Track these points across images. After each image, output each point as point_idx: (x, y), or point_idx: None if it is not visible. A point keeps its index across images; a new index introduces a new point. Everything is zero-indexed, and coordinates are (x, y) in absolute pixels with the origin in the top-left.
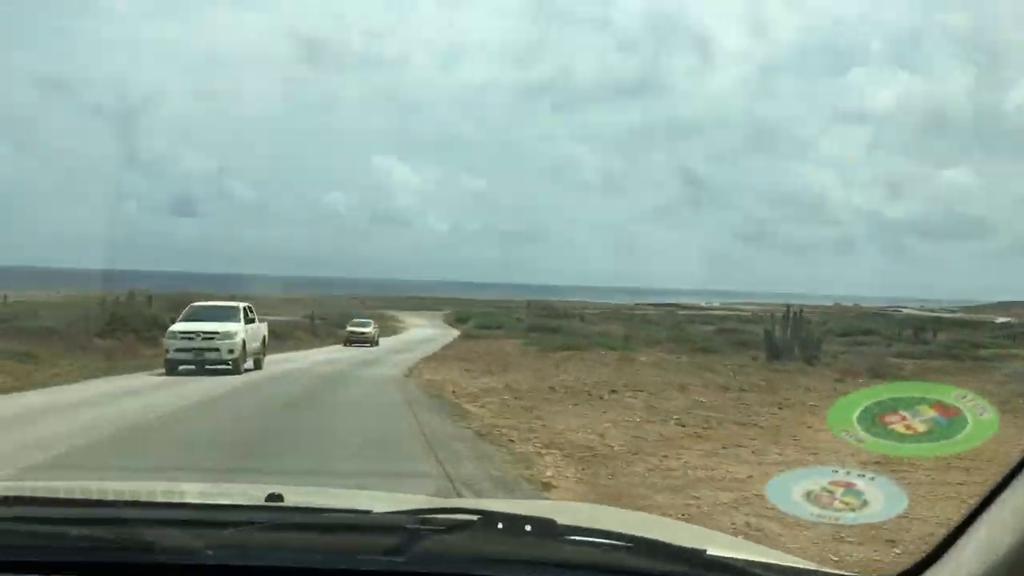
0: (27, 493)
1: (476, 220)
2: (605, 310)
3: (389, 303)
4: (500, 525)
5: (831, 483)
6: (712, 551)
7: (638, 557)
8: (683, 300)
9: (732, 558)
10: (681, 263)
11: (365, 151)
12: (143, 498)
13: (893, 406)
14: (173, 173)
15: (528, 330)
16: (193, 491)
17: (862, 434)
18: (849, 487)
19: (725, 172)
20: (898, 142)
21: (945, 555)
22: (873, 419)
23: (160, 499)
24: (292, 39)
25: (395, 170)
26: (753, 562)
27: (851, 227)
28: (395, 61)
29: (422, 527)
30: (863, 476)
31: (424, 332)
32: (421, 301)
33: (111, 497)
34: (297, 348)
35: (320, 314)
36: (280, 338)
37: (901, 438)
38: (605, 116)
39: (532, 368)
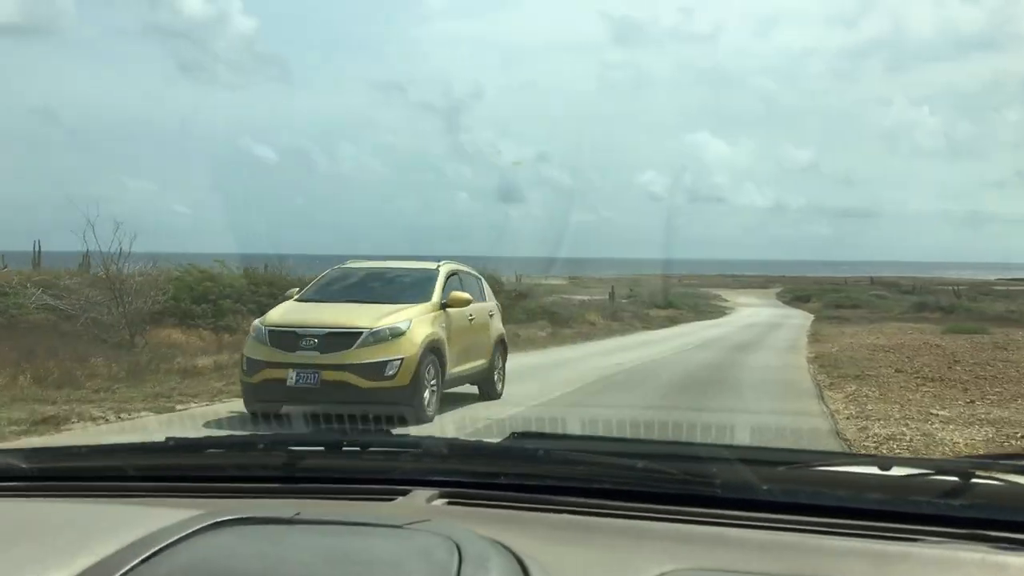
0: (587, 430)
1: (800, 195)
2: (969, 285)
3: (707, 282)
4: None
5: None
6: None
7: None
8: None
9: None
10: None
11: (678, 129)
12: (698, 436)
13: None
14: (496, 163)
15: (915, 309)
16: (744, 431)
17: None
18: None
19: None
20: None
21: None
22: None
23: (713, 439)
24: (603, 21)
25: (710, 146)
26: None
27: None
28: (708, 35)
29: (979, 473)
30: None
31: (761, 314)
32: (742, 279)
33: (670, 432)
34: (588, 338)
35: (628, 294)
36: (563, 324)
37: None
38: (947, 74)
39: None
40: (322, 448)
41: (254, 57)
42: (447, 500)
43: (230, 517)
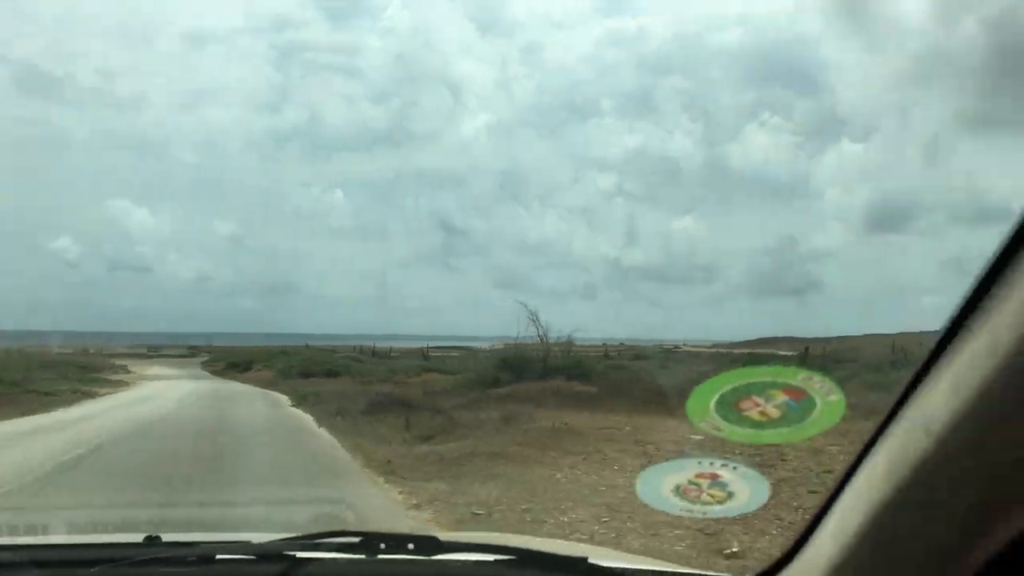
0: None
1: (225, 267)
2: (403, 353)
3: (124, 354)
4: (383, 545)
5: (697, 475)
6: (593, 560)
7: (522, 569)
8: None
9: (612, 566)
10: (441, 310)
11: (98, 195)
12: (3, 539)
13: (747, 392)
14: None
15: (512, 377)
16: (60, 528)
17: (721, 423)
18: (715, 479)
19: (478, 220)
20: (635, 192)
21: (806, 544)
22: (730, 407)
23: (23, 539)
24: (14, 69)
25: (133, 214)
26: (631, 569)
27: (594, 273)
28: (130, 101)
29: (303, 552)
30: (726, 466)
31: (178, 390)
32: (166, 349)
33: None
34: None
35: None
36: None
37: (759, 425)
38: (358, 164)
39: None
40: None
41: None
42: None
43: None
